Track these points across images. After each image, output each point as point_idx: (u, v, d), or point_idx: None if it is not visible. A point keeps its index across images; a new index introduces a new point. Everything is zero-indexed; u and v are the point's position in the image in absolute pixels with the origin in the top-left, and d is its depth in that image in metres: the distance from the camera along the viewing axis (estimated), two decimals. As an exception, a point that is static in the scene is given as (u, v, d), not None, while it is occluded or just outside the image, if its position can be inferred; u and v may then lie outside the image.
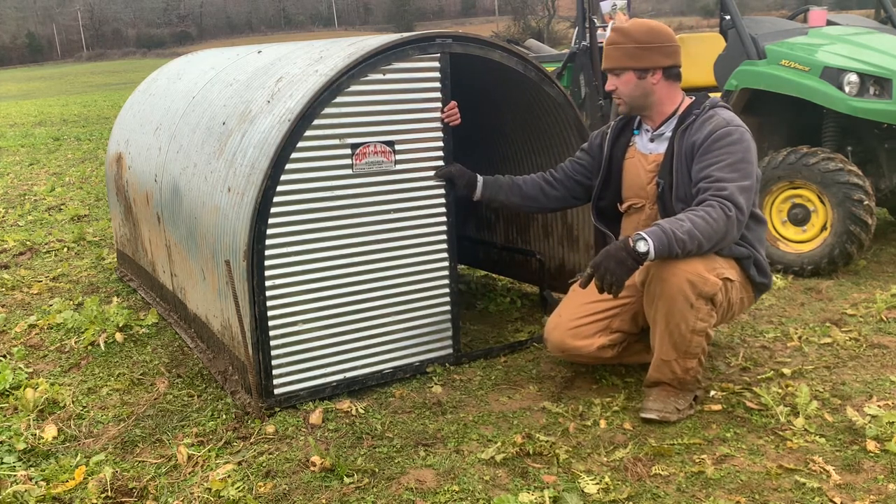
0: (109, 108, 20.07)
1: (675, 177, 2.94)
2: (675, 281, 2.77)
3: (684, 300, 2.78)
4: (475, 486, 2.53)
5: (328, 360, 3.19)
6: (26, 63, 79.65)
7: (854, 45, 4.73)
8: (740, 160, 2.82)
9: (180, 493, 2.58)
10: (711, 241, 2.74)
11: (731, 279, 2.90)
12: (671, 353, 2.89)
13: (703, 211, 2.74)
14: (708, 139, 2.86)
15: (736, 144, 2.84)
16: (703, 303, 2.81)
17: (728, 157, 2.81)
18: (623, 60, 3.00)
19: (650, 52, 2.98)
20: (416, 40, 3.14)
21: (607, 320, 3.15)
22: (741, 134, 2.87)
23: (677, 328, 2.83)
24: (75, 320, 4.13)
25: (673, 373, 2.91)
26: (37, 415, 3.16)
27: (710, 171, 2.82)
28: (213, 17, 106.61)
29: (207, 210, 3.29)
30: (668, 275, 2.78)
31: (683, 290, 2.77)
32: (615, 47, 3.02)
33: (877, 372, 3.26)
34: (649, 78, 3.00)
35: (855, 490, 2.43)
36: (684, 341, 2.85)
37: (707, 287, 2.79)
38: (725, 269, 2.88)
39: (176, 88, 4.49)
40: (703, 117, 2.93)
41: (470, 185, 3.37)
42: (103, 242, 6.06)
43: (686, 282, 2.76)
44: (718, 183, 2.78)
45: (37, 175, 9.71)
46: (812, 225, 4.52)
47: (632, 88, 3.02)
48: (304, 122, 2.95)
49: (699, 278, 2.77)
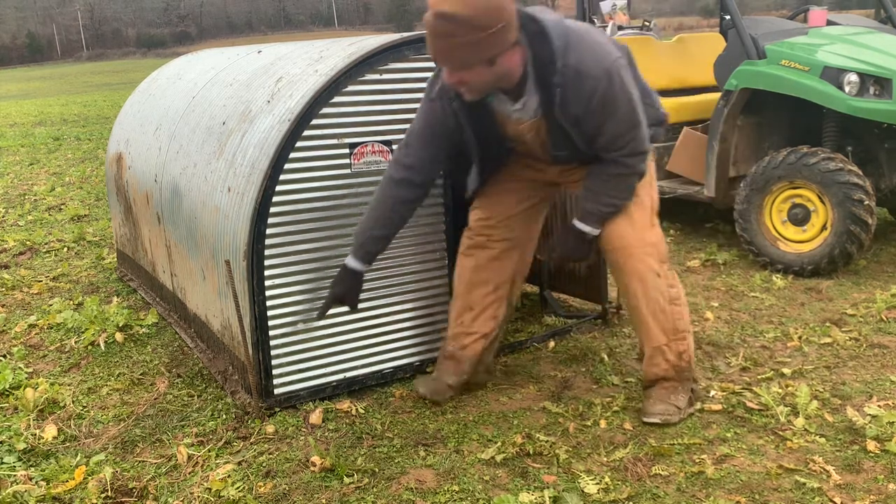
0: (109, 108, 20.07)
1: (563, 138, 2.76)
2: (638, 263, 2.87)
3: (651, 272, 2.88)
4: (475, 486, 2.53)
5: (328, 360, 3.19)
6: (26, 63, 79.67)
7: (854, 45, 4.73)
8: (624, 110, 2.64)
9: (180, 493, 2.58)
10: (628, 196, 2.83)
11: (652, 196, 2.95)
12: (661, 337, 2.92)
13: (612, 178, 2.78)
14: (587, 108, 2.60)
15: (613, 98, 2.60)
16: (666, 267, 2.92)
17: (613, 114, 2.63)
18: (469, 56, 2.45)
19: (498, 34, 2.43)
20: (412, 41, 3.14)
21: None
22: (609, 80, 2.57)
23: (657, 305, 2.89)
24: (75, 320, 4.13)
25: (668, 361, 2.92)
26: (37, 415, 3.16)
27: (603, 133, 2.68)
28: (213, 17, 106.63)
29: (207, 210, 3.29)
30: (626, 259, 2.88)
31: (650, 266, 2.88)
32: (452, 42, 2.41)
33: (877, 372, 3.26)
34: (501, 60, 2.51)
35: (855, 490, 2.43)
36: (668, 317, 2.90)
37: (660, 248, 2.92)
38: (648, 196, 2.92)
39: (176, 88, 4.49)
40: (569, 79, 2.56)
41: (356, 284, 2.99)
42: (103, 242, 6.06)
43: (647, 256, 2.87)
44: (615, 143, 2.70)
45: (37, 175, 9.71)
46: (812, 225, 4.52)
47: (485, 78, 2.54)
48: (304, 121, 2.95)
49: (652, 247, 2.88)
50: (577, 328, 3.85)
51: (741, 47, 4.82)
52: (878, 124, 4.58)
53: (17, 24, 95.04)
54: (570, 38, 2.56)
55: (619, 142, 2.70)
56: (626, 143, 2.70)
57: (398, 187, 2.85)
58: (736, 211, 4.78)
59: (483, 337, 3.15)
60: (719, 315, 4.01)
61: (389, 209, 2.88)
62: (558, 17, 2.63)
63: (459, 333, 3.16)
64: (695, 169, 5.24)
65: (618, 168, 2.76)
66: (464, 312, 3.16)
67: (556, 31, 2.55)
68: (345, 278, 2.95)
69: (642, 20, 6.99)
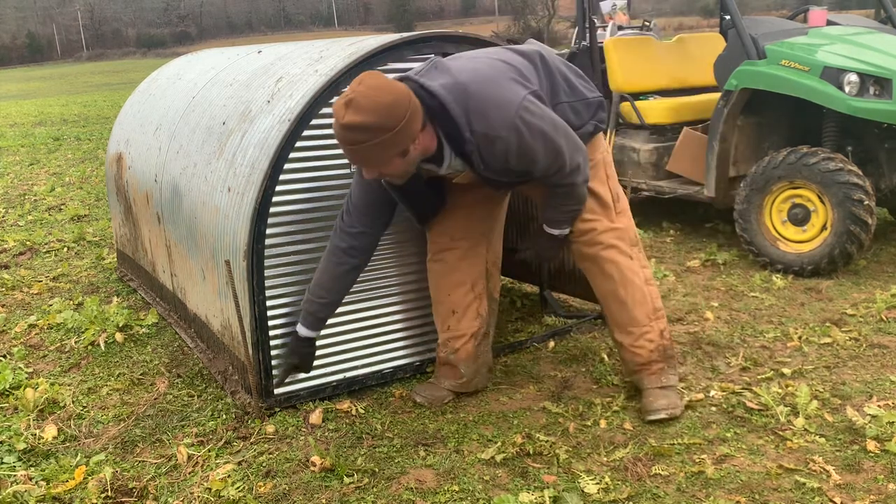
0: (109, 108, 20.06)
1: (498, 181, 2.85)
2: (607, 249, 2.94)
3: (624, 256, 2.95)
4: (475, 486, 2.53)
5: (328, 360, 3.19)
6: (26, 63, 79.63)
7: (854, 45, 4.73)
8: (544, 147, 2.62)
9: (180, 493, 2.58)
10: (582, 200, 2.88)
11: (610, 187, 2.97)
12: (644, 319, 2.97)
13: (561, 197, 2.85)
14: (507, 162, 2.64)
15: (528, 147, 2.60)
16: (637, 250, 2.99)
17: (534, 158, 2.64)
18: (382, 155, 2.50)
19: (404, 129, 2.46)
20: (412, 41, 3.14)
21: None
22: (517, 133, 2.57)
23: (634, 287, 2.95)
24: (75, 320, 4.13)
25: (652, 342, 2.97)
26: (37, 415, 3.16)
27: (533, 172, 2.72)
28: (213, 17, 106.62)
29: (207, 210, 3.29)
30: (601, 246, 2.94)
31: (619, 247, 2.94)
32: (363, 147, 2.46)
33: (877, 372, 3.26)
34: (413, 148, 2.54)
35: (855, 490, 2.43)
36: (644, 298, 2.96)
37: (630, 233, 2.98)
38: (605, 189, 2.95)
39: (176, 88, 4.49)
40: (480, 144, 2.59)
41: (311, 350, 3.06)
42: (103, 242, 6.06)
43: (616, 240, 2.94)
44: (548, 174, 2.73)
45: (37, 175, 9.71)
46: (812, 225, 4.52)
47: (403, 168, 2.59)
48: (304, 121, 2.96)
49: (619, 231, 2.94)
50: (577, 328, 3.85)
51: (741, 47, 4.82)
52: (878, 124, 4.58)
53: (17, 24, 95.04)
54: (470, 103, 2.54)
55: (550, 171, 2.72)
56: (559, 169, 2.72)
57: (345, 255, 2.90)
58: (736, 211, 4.78)
59: (472, 336, 3.16)
60: (719, 315, 4.01)
61: (337, 277, 2.93)
62: (452, 80, 2.57)
63: (449, 338, 3.18)
64: (695, 169, 5.24)
65: (562, 188, 2.81)
66: (448, 317, 3.18)
67: (454, 99, 2.53)
68: (298, 347, 3.01)
69: (642, 20, 7.00)
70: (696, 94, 5.71)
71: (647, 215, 5.95)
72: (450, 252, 3.13)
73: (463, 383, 3.16)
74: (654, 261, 4.96)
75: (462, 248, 3.12)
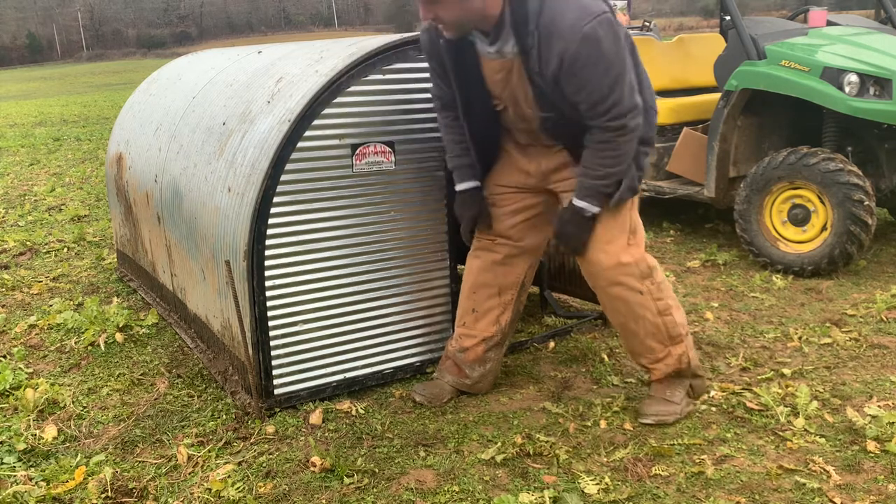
0: (109, 109, 20.06)
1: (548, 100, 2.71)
2: (615, 287, 2.82)
3: (633, 291, 2.83)
4: (475, 487, 2.53)
5: (328, 361, 3.19)
6: (26, 63, 79.63)
7: (854, 46, 4.73)
8: (604, 70, 2.53)
9: (180, 493, 2.58)
10: (629, 157, 2.72)
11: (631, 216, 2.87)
12: (658, 347, 2.91)
13: (602, 146, 2.67)
14: (560, 69, 2.54)
15: (586, 60, 2.51)
16: (649, 282, 2.85)
17: (588, 77, 2.53)
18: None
19: None
20: (416, 41, 3.14)
21: None
22: (582, 41, 2.49)
23: (646, 321, 2.86)
24: (75, 320, 4.13)
25: (668, 366, 2.92)
26: (37, 415, 3.16)
27: (582, 97, 2.59)
28: (213, 18, 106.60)
29: (207, 210, 3.29)
30: (606, 282, 2.83)
31: (626, 284, 2.82)
32: None
33: (877, 372, 3.26)
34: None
35: (855, 490, 2.43)
36: (660, 330, 2.88)
37: (641, 266, 2.83)
38: (625, 216, 2.84)
39: (176, 89, 4.49)
40: (542, 40, 2.54)
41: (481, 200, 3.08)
42: (103, 242, 6.06)
43: (625, 277, 2.81)
44: (597, 107, 2.59)
45: (37, 175, 9.71)
46: (812, 225, 4.52)
47: (456, 13, 2.55)
48: (305, 122, 2.95)
49: (629, 266, 2.81)
50: (577, 328, 3.85)
51: (741, 48, 4.82)
52: (878, 125, 4.58)
53: (17, 24, 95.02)
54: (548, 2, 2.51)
55: (599, 107, 2.58)
56: (609, 108, 2.58)
57: (442, 114, 3.00)
58: (736, 211, 4.78)
59: (484, 341, 3.14)
60: (719, 315, 4.01)
61: (451, 133, 3.00)
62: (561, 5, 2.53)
63: (462, 334, 3.17)
64: (695, 169, 5.24)
65: (604, 134, 2.64)
66: (466, 314, 3.16)
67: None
68: (468, 199, 3.03)
69: (642, 21, 7.00)
70: (697, 95, 5.71)
71: (647, 216, 5.92)
72: (488, 253, 3.10)
73: (466, 383, 3.16)
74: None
75: (501, 252, 3.08)
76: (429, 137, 3.25)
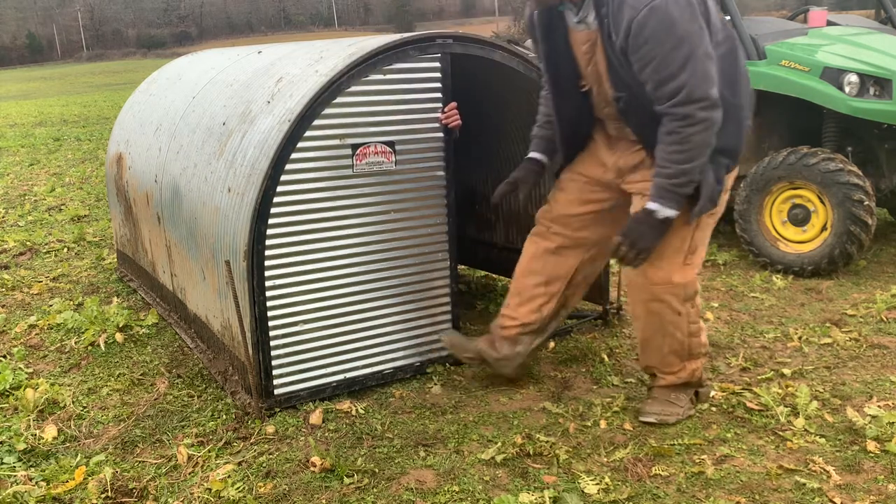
0: (109, 109, 20.06)
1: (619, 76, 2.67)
2: (657, 303, 2.77)
3: (672, 311, 2.78)
4: (475, 487, 2.53)
5: (328, 361, 3.19)
6: (26, 63, 79.59)
7: (854, 46, 4.73)
8: (672, 46, 2.45)
9: (180, 493, 2.58)
10: (702, 153, 2.56)
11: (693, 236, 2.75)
12: (676, 362, 2.89)
13: (670, 138, 2.55)
14: (629, 37, 2.50)
15: (659, 31, 2.45)
16: (689, 305, 2.80)
17: (658, 50, 2.46)
18: None
19: None
20: (417, 40, 3.14)
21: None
22: (650, 13, 2.45)
23: (674, 339, 2.84)
24: (75, 320, 4.13)
25: (679, 378, 2.92)
26: (37, 415, 3.16)
27: (648, 73, 2.51)
28: (213, 18, 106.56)
29: (207, 210, 3.29)
30: (649, 296, 2.77)
31: (668, 303, 2.77)
32: None
33: (877, 372, 3.26)
34: None
35: (855, 490, 2.43)
36: (684, 348, 2.86)
37: (689, 289, 2.77)
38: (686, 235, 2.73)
39: (176, 89, 4.49)
40: (613, 10, 2.53)
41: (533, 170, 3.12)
42: (103, 242, 6.06)
43: (670, 296, 2.75)
44: (663, 88, 2.50)
45: (37, 175, 9.71)
46: (812, 225, 4.52)
47: None
48: (305, 122, 2.95)
49: (677, 287, 2.74)
50: (577, 328, 3.85)
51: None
52: (878, 125, 4.58)
53: (17, 24, 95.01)
54: None
55: (665, 87, 2.48)
56: (676, 91, 2.46)
57: (543, 90, 3.07)
58: (736, 211, 4.78)
59: (521, 326, 3.12)
60: (719, 315, 4.01)
61: (543, 106, 3.09)
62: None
63: (504, 315, 3.17)
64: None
65: (671, 123, 2.52)
66: (513, 296, 3.15)
67: None
68: (521, 165, 3.09)
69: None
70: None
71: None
72: (542, 240, 3.08)
73: (492, 356, 3.14)
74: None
75: (555, 242, 3.05)
76: (429, 137, 3.25)
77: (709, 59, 2.49)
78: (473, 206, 4.57)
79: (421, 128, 3.23)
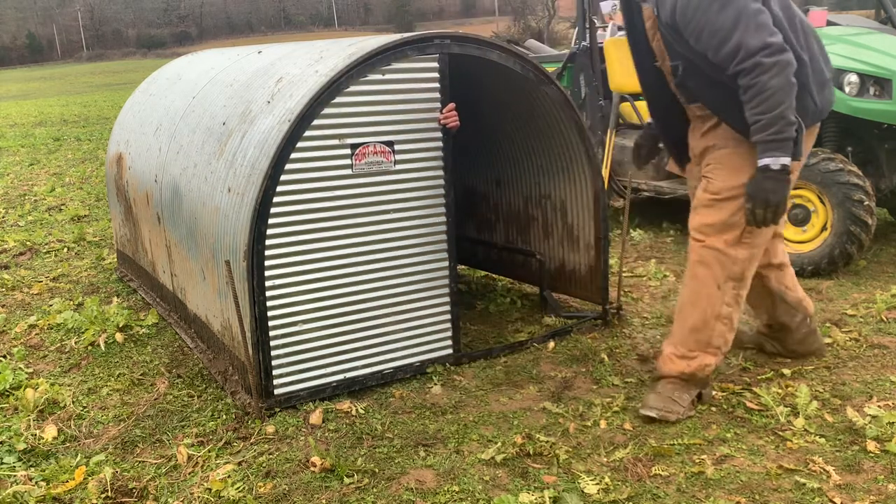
0: (109, 109, 20.06)
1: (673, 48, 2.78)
2: (704, 267, 2.80)
3: (712, 282, 2.81)
4: (475, 487, 2.53)
5: (328, 361, 3.19)
6: (26, 63, 79.54)
7: (854, 46, 4.73)
8: (719, 8, 2.55)
9: (180, 493, 2.58)
10: (787, 94, 2.56)
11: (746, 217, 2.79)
12: (692, 345, 2.90)
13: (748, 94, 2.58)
14: (676, 15, 2.64)
15: (702, 3, 2.56)
16: (731, 286, 2.83)
17: (707, 18, 2.57)
18: None
19: None
20: (415, 41, 3.14)
21: None
22: None
23: (702, 312, 2.86)
24: (75, 320, 4.13)
25: (689, 367, 2.92)
26: (37, 415, 3.16)
27: (704, 42, 2.60)
28: (213, 18, 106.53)
29: (207, 210, 3.29)
30: (697, 256, 2.82)
31: (716, 274, 2.80)
32: None
33: (877, 372, 3.26)
34: None
35: (855, 490, 2.43)
36: (707, 329, 2.87)
37: (736, 267, 2.81)
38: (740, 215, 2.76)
39: (176, 89, 4.49)
40: None
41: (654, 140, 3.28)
42: (103, 242, 6.06)
43: (718, 265, 2.79)
44: (723, 50, 2.57)
45: (37, 175, 9.71)
46: (812, 225, 4.52)
47: None
48: (305, 122, 2.95)
49: (728, 260, 2.78)
50: (577, 328, 3.85)
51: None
52: (879, 125, 4.58)
53: (17, 24, 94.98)
54: None
55: (724, 49, 2.55)
56: (735, 50, 2.53)
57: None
58: (736, 211, 4.77)
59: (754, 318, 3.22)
60: (719, 315, 4.00)
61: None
62: None
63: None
64: (695, 169, 5.23)
65: (743, 79, 2.57)
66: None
67: None
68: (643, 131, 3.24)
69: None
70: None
71: (647, 215, 5.95)
72: None
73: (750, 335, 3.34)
74: (654, 261, 4.95)
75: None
76: (429, 137, 3.26)
77: (760, 13, 2.56)
78: (473, 205, 4.58)
79: (420, 127, 3.23)
